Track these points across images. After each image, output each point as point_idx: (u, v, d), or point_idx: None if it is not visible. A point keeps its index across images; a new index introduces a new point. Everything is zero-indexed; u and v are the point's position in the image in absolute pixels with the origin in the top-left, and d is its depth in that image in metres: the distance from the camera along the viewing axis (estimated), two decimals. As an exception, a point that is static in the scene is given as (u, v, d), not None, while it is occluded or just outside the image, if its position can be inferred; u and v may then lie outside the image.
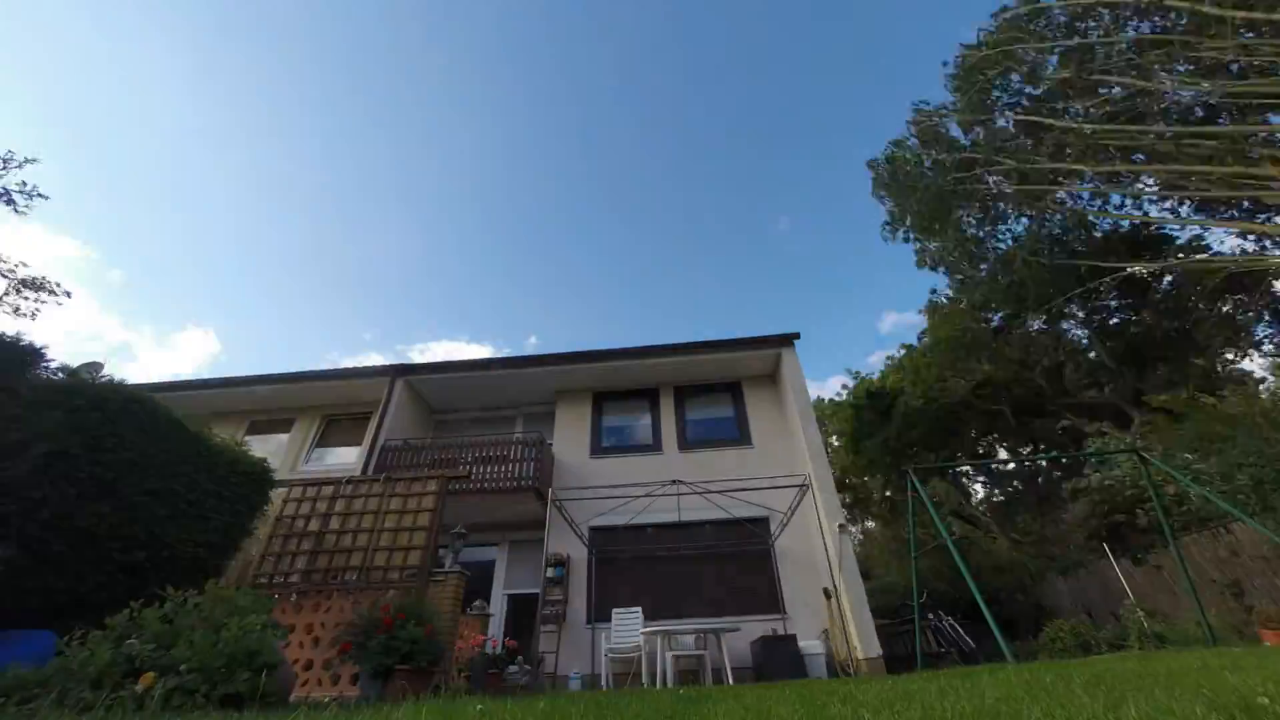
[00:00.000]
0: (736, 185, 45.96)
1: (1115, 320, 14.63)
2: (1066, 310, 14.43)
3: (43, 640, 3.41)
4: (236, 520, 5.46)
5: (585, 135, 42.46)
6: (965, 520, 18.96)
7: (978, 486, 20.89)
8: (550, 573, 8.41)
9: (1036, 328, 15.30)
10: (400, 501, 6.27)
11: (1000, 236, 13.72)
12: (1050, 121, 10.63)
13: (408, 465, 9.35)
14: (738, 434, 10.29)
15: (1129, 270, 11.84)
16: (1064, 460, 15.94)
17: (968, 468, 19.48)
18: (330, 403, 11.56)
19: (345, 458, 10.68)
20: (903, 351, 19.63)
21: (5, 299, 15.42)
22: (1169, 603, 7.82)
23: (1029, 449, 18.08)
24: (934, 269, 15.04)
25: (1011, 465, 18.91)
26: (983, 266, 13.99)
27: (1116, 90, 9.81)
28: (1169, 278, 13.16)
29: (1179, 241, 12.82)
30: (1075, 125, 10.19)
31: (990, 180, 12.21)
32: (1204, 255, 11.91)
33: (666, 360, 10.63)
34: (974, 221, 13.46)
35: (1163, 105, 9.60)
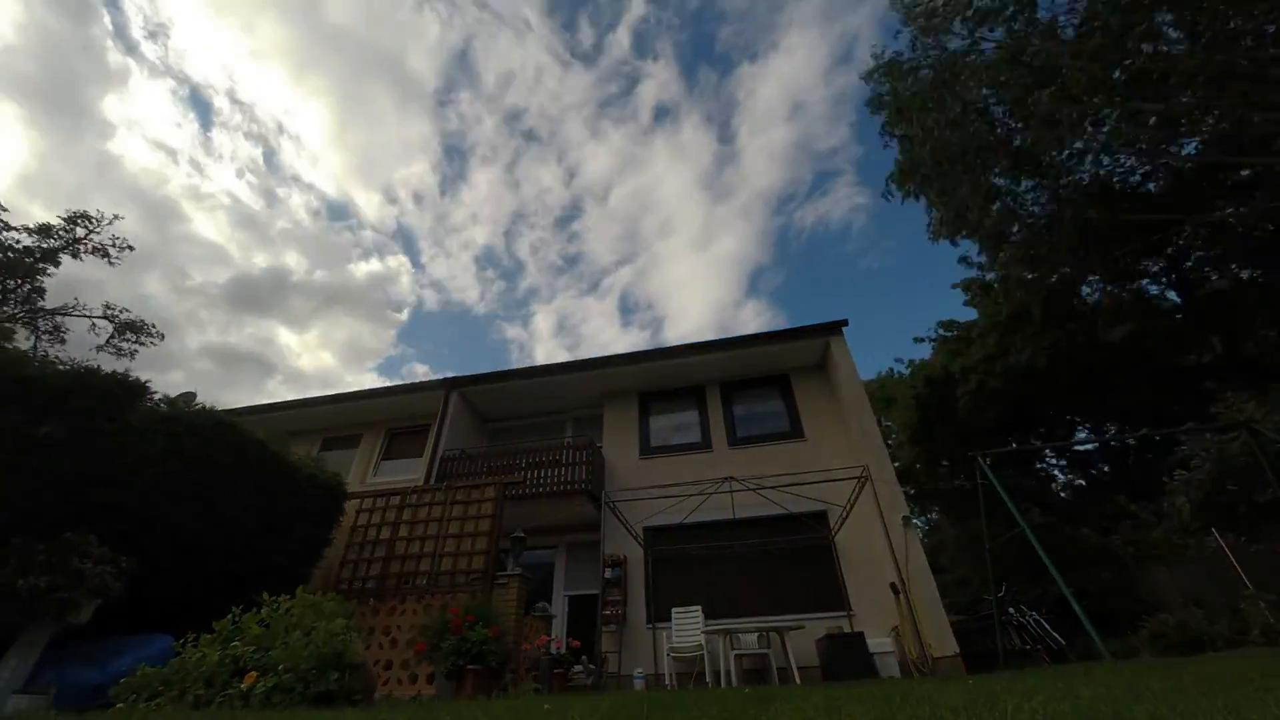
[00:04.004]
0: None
1: (1202, 274, 12.98)
2: (1141, 267, 12.97)
3: (163, 643, 3.80)
4: (317, 531, 5.88)
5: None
6: (1045, 508, 17.62)
7: (1057, 472, 19.36)
8: (608, 574, 8.52)
9: (1104, 290, 13.82)
10: (461, 509, 6.55)
11: (1030, 190, 11.71)
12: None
13: (466, 474, 9.74)
14: (789, 428, 10.03)
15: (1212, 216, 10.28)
16: (1157, 438, 14.48)
17: (1045, 451, 18.10)
18: (392, 417, 12.22)
19: (409, 469, 11.26)
20: (944, 332, 18.49)
21: (112, 341, 17.46)
22: (1298, 592, 6.92)
23: (1115, 428, 16.55)
24: (953, 237, 12.73)
25: (1094, 446, 17.38)
26: (1014, 230, 11.95)
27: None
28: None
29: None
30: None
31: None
32: None
33: (709, 357, 10.53)
34: (1000, 171, 11.27)
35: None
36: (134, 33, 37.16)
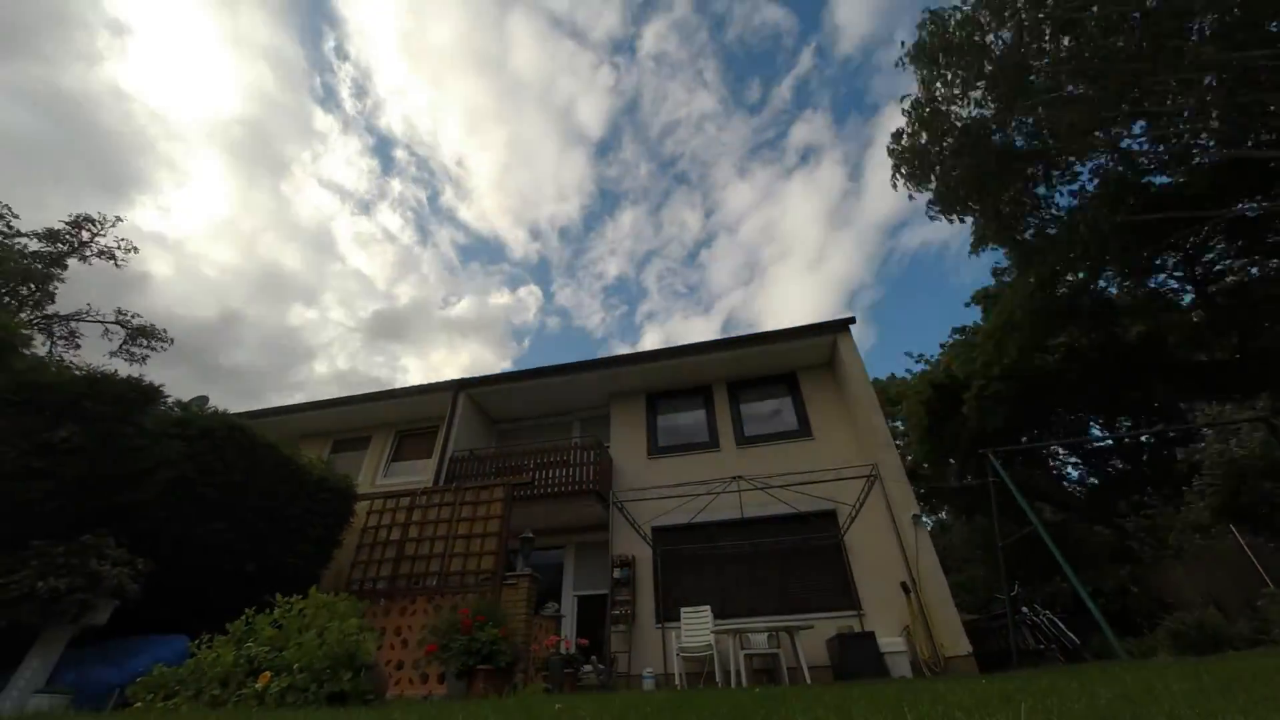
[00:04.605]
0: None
1: (1219, 269, 12.76)
2: (1158, 263, 12.83)
3: (178, 643, 3.85)
4: (327, 533, 5.93)
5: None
6: (1058, 506, 17.41)
7: (1070, 469, 19.12)
8: (617, 574, 8.53)
9: (1118, 287, 13.69)
10: (470, 509, 6.58)
11: (1059, 194, 12.10)
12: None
13: (475, 475, 9.78)
14: (797, 426, 9.98)
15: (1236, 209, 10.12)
16: (1171, 434, 14.26)
17: (1057, 448, 17.88)
18: (401, 419, 12.31)
19: (418, 470, 11.33)
20: (958, 336, 18.43)
21: (125, 346, 17.74)
22: (1320, 591, 6.79)
23: (1129, 424, 16.31)
24: (993, 246, 13.63)
25: (1109, 443, 17.14)
26: (1029, 234, 12.55)
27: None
28: None
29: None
30: None
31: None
32: None
33: (716, 356, 10.50)
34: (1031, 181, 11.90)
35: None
36: (342, 92, 38.50)
